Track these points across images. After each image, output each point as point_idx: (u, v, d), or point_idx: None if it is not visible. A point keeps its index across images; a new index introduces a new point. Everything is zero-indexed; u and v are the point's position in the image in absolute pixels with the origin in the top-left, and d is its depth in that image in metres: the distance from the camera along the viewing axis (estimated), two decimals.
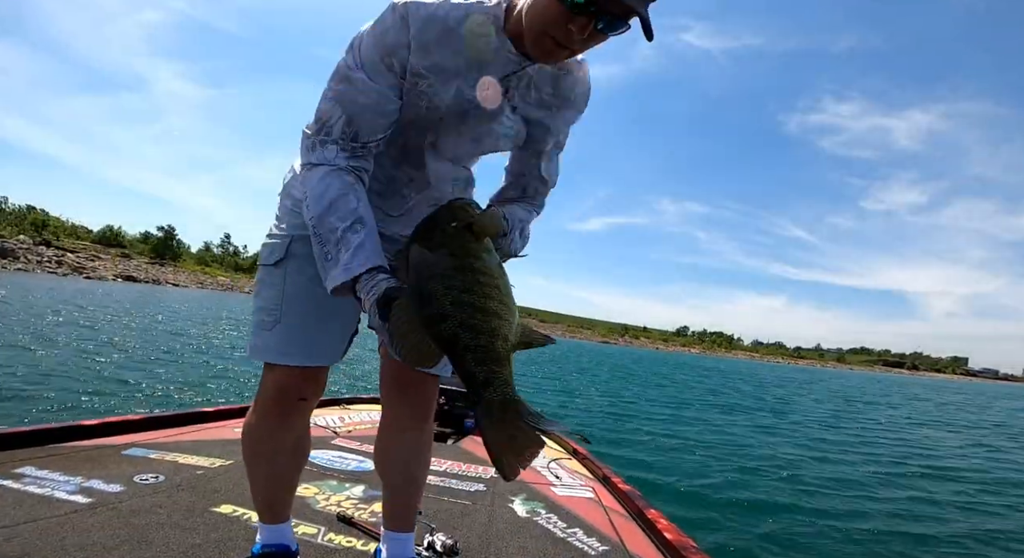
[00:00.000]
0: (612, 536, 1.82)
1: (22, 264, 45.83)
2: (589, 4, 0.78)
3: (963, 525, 4.65)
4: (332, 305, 1.09)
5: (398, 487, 1.29)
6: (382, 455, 1.29)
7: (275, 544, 1.22)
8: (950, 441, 11.12)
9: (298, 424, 1.18)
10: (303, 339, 1.10)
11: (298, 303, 1.10)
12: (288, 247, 1.09)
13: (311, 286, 1.08)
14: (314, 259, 0.99)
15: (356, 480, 2.08)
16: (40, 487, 1.58)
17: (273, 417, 1.15)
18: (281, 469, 1.20)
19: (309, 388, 1.15)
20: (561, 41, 0.84)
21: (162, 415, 2.51)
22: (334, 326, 1.13)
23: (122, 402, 5.53)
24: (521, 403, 0.75)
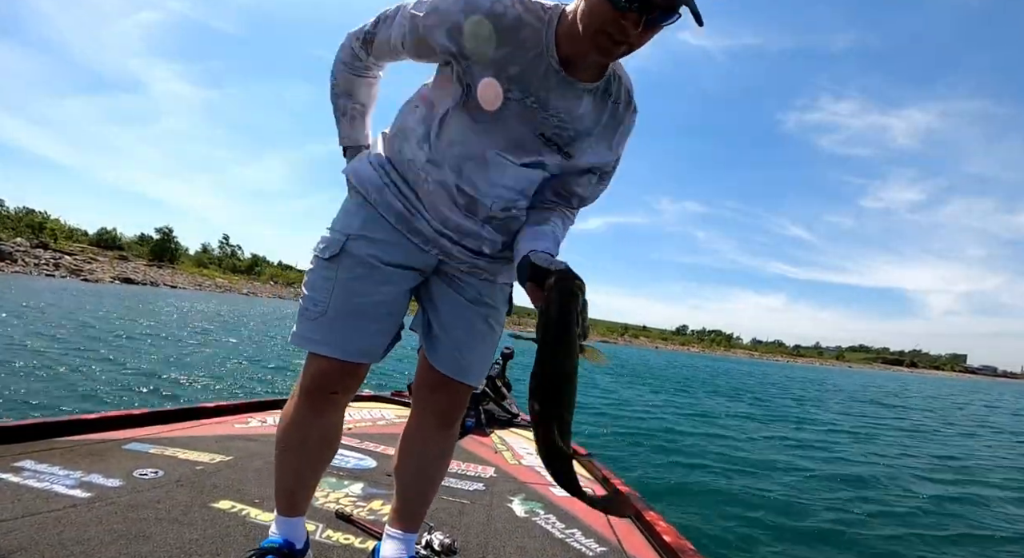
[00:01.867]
0: (610, 537, 1.82)
1: (19, 267, 45.68)
2: (633, 1, 0.84)
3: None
4: (376, 307, 1.15)
5: (416, 489, 1.32)
6: (405, 456, 1.31)
7: (280, 541, 1.24)
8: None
9: (329, 417, 1.21)
10: (345, 334, 1.13)
11: (345, 300, 1.13)
12: (344, 244, 1.14)
13: (359, 286, 1.14)
14: (364, 260, 1.13)
15: (355, 478, 2.08)
16: (39, 481, 1.58)
17: (306, 407, 1.18)
18: (307, 460, 1.23)
19: (344, 382, 1.18)
20: (617, 38, 0.89)
21: (162, 410, 2.52)
22: (375, 327, 1.16)
23: (121, 398, 5.52)
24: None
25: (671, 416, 9.73)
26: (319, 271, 1.16)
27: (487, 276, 1.23)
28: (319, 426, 1.21)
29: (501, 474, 2.42)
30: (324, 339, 1.13)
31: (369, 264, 1.14)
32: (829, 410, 14.68)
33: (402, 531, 1.32)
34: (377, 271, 1.14)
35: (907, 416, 15.02)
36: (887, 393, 26.75)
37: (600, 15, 0.88)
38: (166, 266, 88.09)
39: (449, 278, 1.24)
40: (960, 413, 18.35)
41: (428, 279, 1.25)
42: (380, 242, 1.15)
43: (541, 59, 0.99)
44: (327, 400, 1.18)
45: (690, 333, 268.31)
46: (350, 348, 1.14)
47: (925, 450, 8.68)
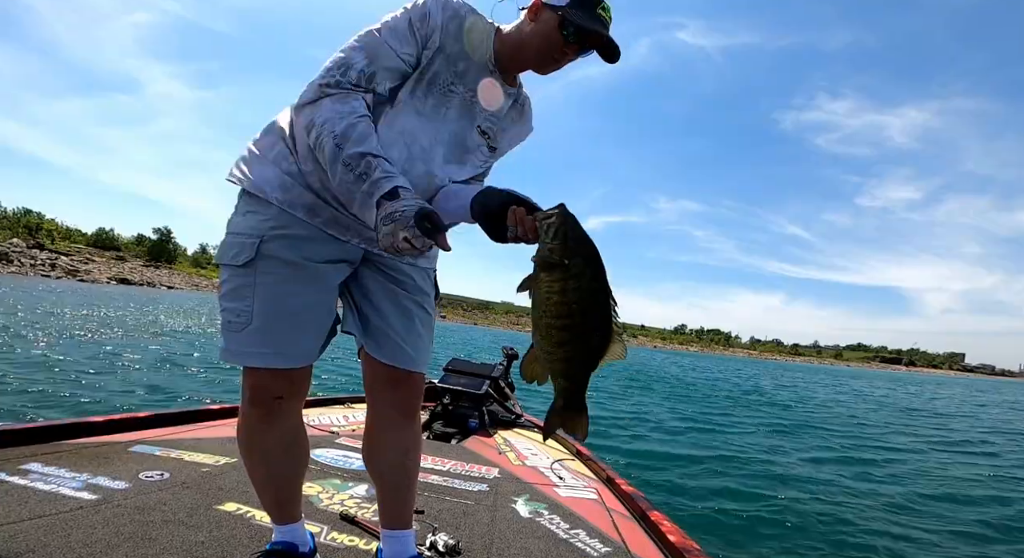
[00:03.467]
0: (615, 537, 1.82)
1: (15, 268, 45.58)
2: (576, 38, 1.08)
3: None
4: (304, 307, 1.11)
5: (392, 485, 1.29)
6: (372, 454, 1.29)
7: (282, 542, 1.24)
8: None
9: (283, 424, 1.18)
10: (275, 341, 1.09)
11: (269, 305, 1.08)
12: (258, 247, 1.08)
13: (283, 287, 1.09)
14: (284, 260, 1.08)
15: (359, 479, 2.08)
16: (46, 484, 1.58)
17: (255, 418, 1.16)
18: (275, 469, 1.20)
19: (284, 387, 1.14)
20: (556, 59, 1.12)
21: (168, 413, 2.51)
22: (308, 327, 1.13)
23: (125, 400, 5.50)
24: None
25: (671, 416, 9.71)
26: (235, 280, 1.10)
27: (410, 260, 1.22)
28: (277, 434, 1.18)
29: (505, 475, 2.42)
30: (255, 351, 1.09)
31: (291, 263, 1.09)
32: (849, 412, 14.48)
33: (394, 530, 1.31)
34: (303, 269, 1.10)
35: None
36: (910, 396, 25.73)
37: (554, 41, 1.09)
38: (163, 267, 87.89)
39: (378, 269, 1.21)
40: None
41: (357, 273, 1.22)
42: (298, 238, 1.10)
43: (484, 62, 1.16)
44: (273, 407, 1.15)
45: (689, 332, 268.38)
46: (284, 353, 1.10)
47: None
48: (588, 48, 1.11)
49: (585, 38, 1.08)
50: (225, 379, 7.55)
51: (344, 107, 1.00)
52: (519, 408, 3.72)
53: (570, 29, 1.07)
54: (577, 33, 1.07)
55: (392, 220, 0.91)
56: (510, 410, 3.61)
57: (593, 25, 1.07)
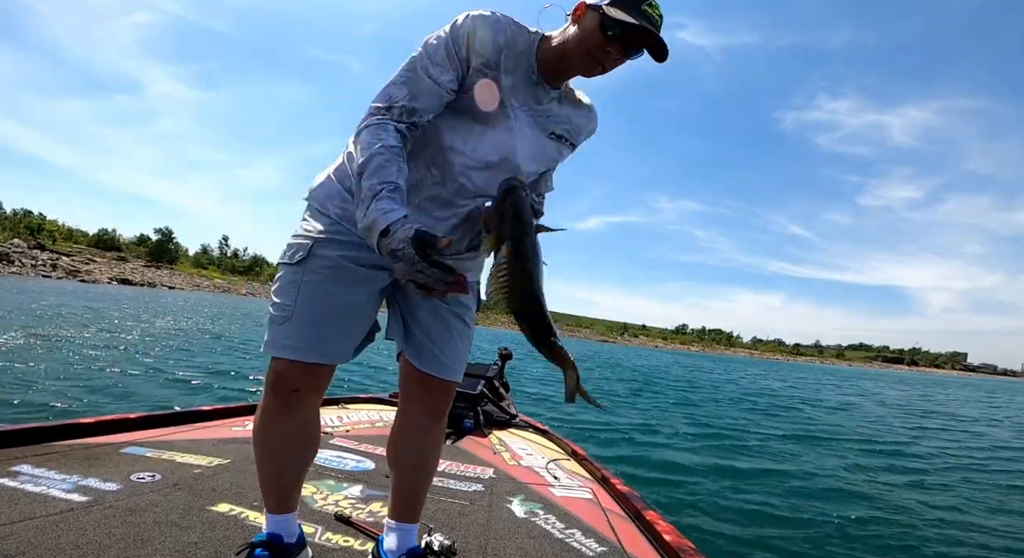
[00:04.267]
0: (610, 537, 1.81)
1: (16, 268, 45.68)
2: (617, 32, 1.06)
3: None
4: (342, 307, 1.19)
5: (411, 480, 1.37)
6: (397, 450, 1.37)
7: (269, 534, 1.27)
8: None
9: (296, 415, 1.23)
10: (310, 336, 1.17)
11: (312, 302, 1.17)
12: (311, 248, 1.17)
13: (326, 287, 1.17)
14: (331, 261, 1.17)
15: (354, 480, 2.08)
16: (36, 485, 1.57)
17: (272, 408, 1.21)
18: (280, 458, 1.25)
19: (303, 380, 1.19)
20: (600, 60, 1.11)
21: (160, 414, 2.50)
22: (345, 328, 1.20)
23: (117, 401, 5.50)
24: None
25: (669, 416, 9.71)
26: (286, 277, 1.19)
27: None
28: (289, 423, 1.23)
29: (500, 475, 2.41)
30: (289, 344, 1.16)
31: (337, 265, 1.17)
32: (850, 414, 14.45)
33: (404, 523, 1.37)
34: (345, 271, 1.18)
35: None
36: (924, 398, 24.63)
37: (595, 41, 1.08)
38: (164, 267, 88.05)
39: None
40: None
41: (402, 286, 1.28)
42: (347, 243, 1.18)
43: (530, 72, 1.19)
44: (290, 399, 1.20)
45: (690, 332, 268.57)
46: (314, 349, 1.17)
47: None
48: (633, 47, 1.09)
49: (629, 36, 1.06)
50: (218, 382, 7.52)
51: (373, 138, 1.07)
52: (514, 408, 3.72)
53: (613, 28, 1.05)
54: (621, 31, 1.06)
55: (398, 259, 0.96)
56: (505, 410, 3.61)
57: (638, 20, 1.05)
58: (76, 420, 2.17)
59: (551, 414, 8.07)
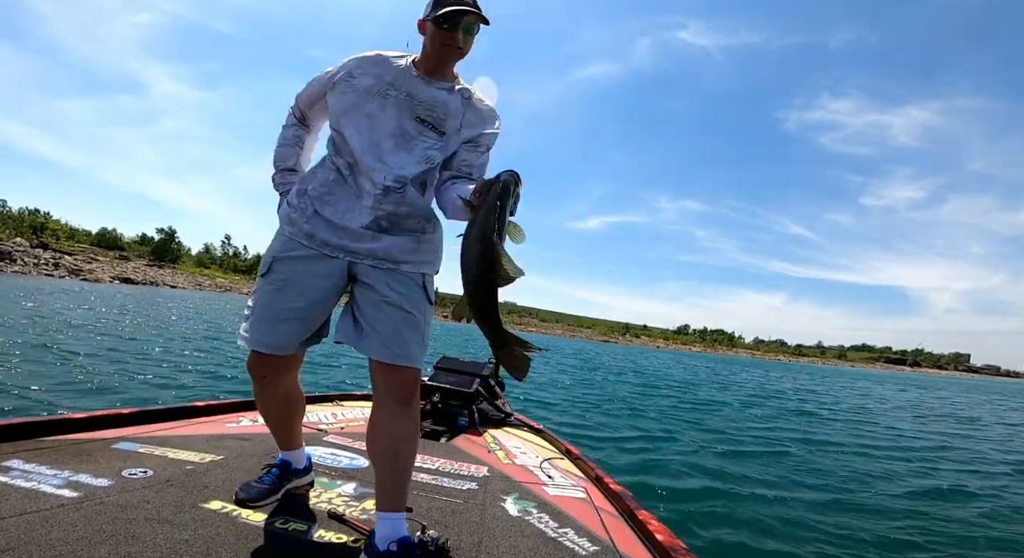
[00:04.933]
0: (603, 536, 1.82)
1: (19, 267, 45.73)
2: (447, 22, 1.42)
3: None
4: (286, 311, 1.49)
5: (386, 469, 1.45)
6: (373, 441, 1.48)
7: (280, 461, 1.81)
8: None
9: (275, 391, 1.64)
10: (262, 331, 1.50)
11: (263, 306, 1.50)
12: (271, 264, 1.52)
13: (276, 295, 1.50)
14: (282, 275, 1.50)
15: (348, 477, 2.08)
16: (27, 480, 1.57)
17: (255, 387, 1.63)
18: (274, 418, 1.74)
19: (266, 369, 1.57)
20: (449, 43, 1.45)
21: (152, 409, 2.49)
22: (285, 327, 1.50)
23: (111, 398, 5.49)
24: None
25: (665, 415, 9.68)
26: (256, 284, 1.54)
27: (389, 266, 1.50)
28: (273, 397, 1.66)
29: (494, 473, 2.41)
30: (248, 336, 1.52)
31: (286, 279, 1.49)
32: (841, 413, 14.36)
33: (388, 512, 1.43)
34: (292, 283, 1.49)
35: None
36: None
37: (436, 37, 1.45)
38: (167, 266, 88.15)
39: (361, 282, 1.51)
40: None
41: (352, 288, 1.55)
42: (297, 259, 1.50)
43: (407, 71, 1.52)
44: (262, 382, 1.60)
45: (692, 333, 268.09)
46: (264, 342, 1.51)
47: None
48: (458, 22, 1.42)
49: (453, 17, 1.42)
50: (210, 380, 7.51)
51: (280, 134, 1.72)
52: (509, 407, 3.72)
53: (442, 21, 1.42)
54: (447, 18, 1.42)
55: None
56: (500, 408, 3.61)
57: (452, 5, 1.40)
58: (67, 415, 2.16)
59: (546, 414, 8.06)
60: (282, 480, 1.77)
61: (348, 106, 1.47)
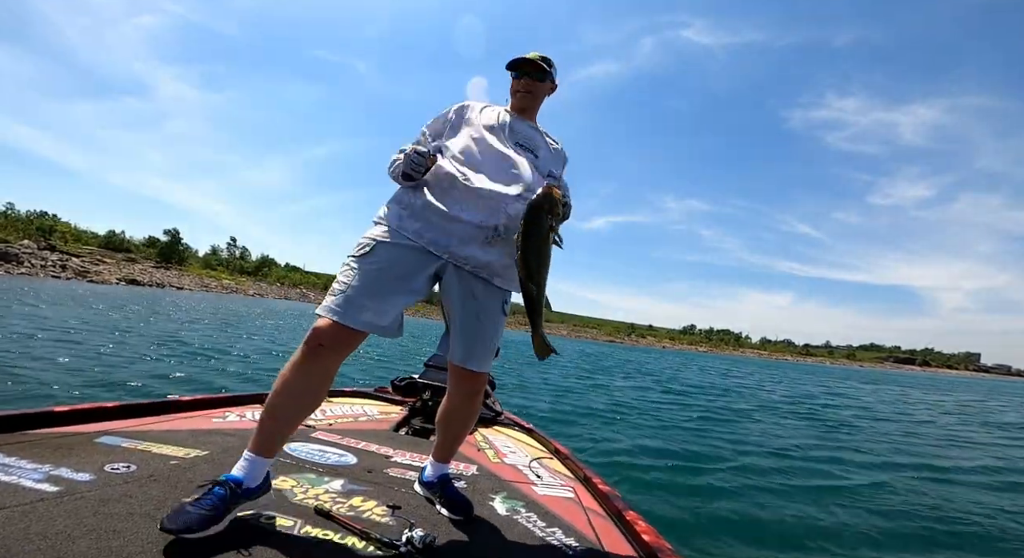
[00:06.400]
0: (590, 536, 1.82)
1: (26, 268, 46.10)
2: (518, 71, 1.92)
3: None
4: (391, 293, 1.57)
5: (453, 435, 1.93)
6: (447, 420, 1.92)
7: (233, 478, 1.47)
8: None
9: (319, 368, 1.52)
10: (349, 305, 1.53)
11: (366, 284, 1.55)
12: (374, 247, 1.62)
13: (379, 275, 1.57)
14: (387, 258, 1.60)
15: (335, 474, 2.06)
16: (6, 474, 1.55)
17: (297, 358, 1.51)
18: (289, 399, 1.52)
19: (331, 337, 1.51)
20: (524, 89, 1.92)
21: (136, 403, 2.47)
22: (386, 308, 1.56)
23: (95, 391, 5.48)
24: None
25: (660, 415, 9.61)
26: (351, 264, 1.60)
27: (486, 275, 1.70)
28: (307, 371, 1.51)
29: (483, 472, 2.40)
30: (335, 308, 1.52)
31: (389, 260, 1.59)
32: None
33: (440, 462, 1.95)
34: (393, 267, 1.59)
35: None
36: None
37: (515, 84, 1.92)
38: (174, 268, 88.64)
39: (457, 278, 1.69)
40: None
41: (443, 279, 1.70)
42: (400, 246, 1.62)
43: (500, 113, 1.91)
44: (316, 350, 1.51)
45: (698, 332, 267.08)
46: (354, 316, 1.52)
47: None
48: (523, 72, 1.91)
49: (517, 66, 1.91)
50: (200, 377, 7.48)
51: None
52: (499, 406, 3.72)
53: (512, 70, 1.92)
54: (513, 68, 1.92)
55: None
56: (490, 407, 3.60)
57: (515, 59, 1.91)
58: (49, 408, 2.14)
59: (544, 413, 8.02)
60: (229, 503, 1.41)
61: (470, 135, 1.79)
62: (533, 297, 1.61)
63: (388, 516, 1.67)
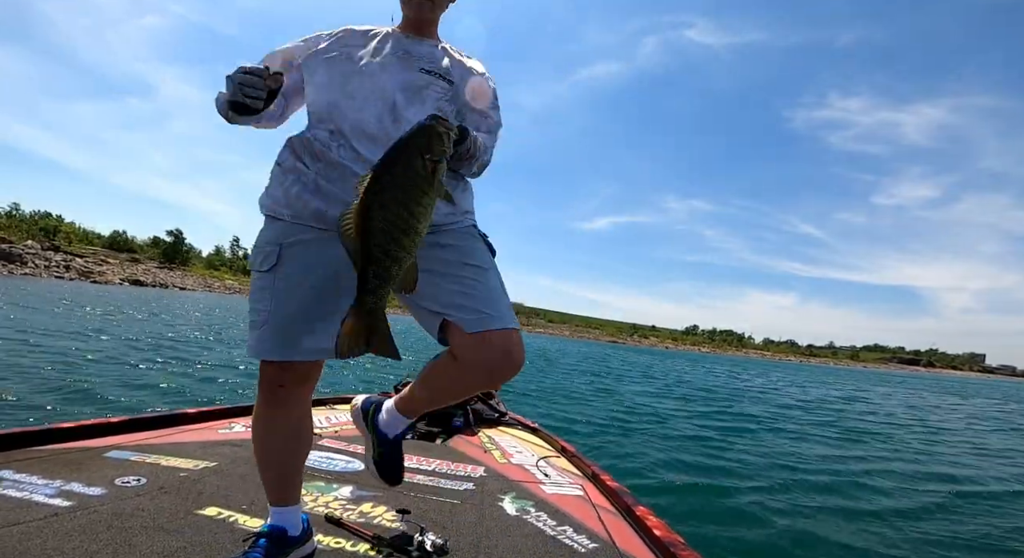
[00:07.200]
0: (602, 533, 1.81)
1: (29, 269, 46.31)
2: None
3: None
4: (320, 307, 1.23)
5: (429, 396, 1.36)
6: (434, 379, 1.33)
7: (272, 526, 1.33)
8: None
9: (288, 412, 1.31)
10: (285, 336, 1.22)
11: (286, 304, 1.22)
12: (279, 254, 1.23)
13: (299, 288, 1.23)
14: (303, 262, 1.23)
15: (344, 481, 2.07)
16: (19, 491, 1.57)
17: (262, 404, 1.30)
18: (275, 451, 1.33)
19: (288, 377, 1.27)
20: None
21: (144, 417, 2.49)
22: (321, 326, 1.23)
23: (103, 406, 5.44)
24: (383, 320, 1.02)
25: (660, 410, 9.57)
26: (259, 283, 1.25)
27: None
28: (282, 420, 1.31)
29: (491, 473, 2.41)
30: (267, 347, 1.23)
31: (305, 264, 1.23)
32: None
33: (402, 414, 1.42)
34: (311, 271, 1.23)
35: None
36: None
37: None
38: (177, 268, 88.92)
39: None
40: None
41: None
42: (312, 242, 1.23)
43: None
44: (278, 395, 1.28)
45: (701, 333, 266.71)
46: (291, 348, 1.23)
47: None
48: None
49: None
50: (202, 387, 7.44)
51: None
52: (503, 406, 3.72)
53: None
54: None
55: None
56: (494, 408, 3.61)
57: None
58: (58, 424, 2.16)
59: (542, 413, 8.00)
60: (275, 553, 1.32)
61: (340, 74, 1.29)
62: (380, 263, 0.98)
63: (398, 521, 1.67)
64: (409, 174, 0.97)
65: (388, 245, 0.97)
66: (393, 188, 0.96)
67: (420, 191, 0.98)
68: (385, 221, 0.96)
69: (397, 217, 0.97)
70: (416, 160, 0.98)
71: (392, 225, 0.97)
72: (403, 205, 0.97)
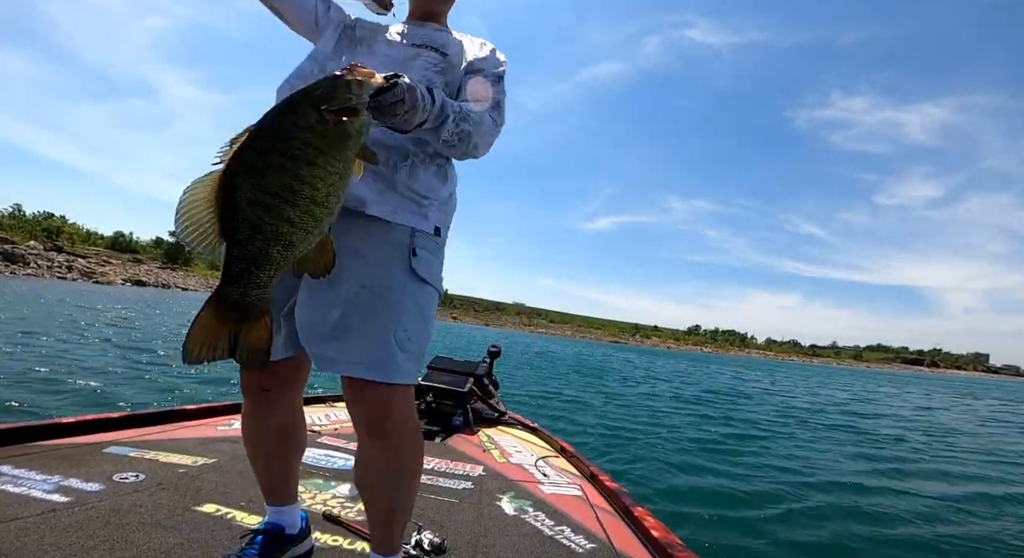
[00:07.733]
0: (599, 534, 1.81)
1: (32, 269, 46.45)
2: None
3: None
4: (280, 313, 1.19)
5: (367, 506, 1.23)
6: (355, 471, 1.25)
7: (269, 523, 1.33)
8: None
9: (274, 413, 1.27)
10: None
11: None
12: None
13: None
14: None
15: (343, 479, 2.07)
16: (17, 486, 1.56)
17: (248, 407, 1.28)
18: (264, 453, 1.31)
19: (268, 381, 1.23)
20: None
21: (143, 413, 2.48)
22: (283, 329, 1.19)
23: (102, 404, 5.43)
24: (257, 319, 0.86)
25: (660, 411, 9.55)
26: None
27: (352, 205, 1.14)
28: (269, 422, 1.28)
29: (489, 473, 2.41)
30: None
31: None
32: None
33: (377, 553, 1.20)
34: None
35: None
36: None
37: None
38: (179, 268, 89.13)
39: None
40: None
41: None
42: None
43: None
44: (261, 398, 1.25)
45: (703, 333, 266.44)
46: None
47: None
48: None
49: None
50: (202, 386, 7.43)
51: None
52: (503, 406, 3.72)
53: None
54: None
55: None
56: (494, 407, 3.61)
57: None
58: (56, 420, 2.15)
59: (542, 413, 7.98)
60: (272, 551, 1.30)
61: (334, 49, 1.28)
62: (247, 243, 0.81)
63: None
64: (296, 130, 0.80)
65: (260, 219, 0.79)
66: (270, 149, 0.79)
67: (313, 149, 0.80)
68: (255, 188, 0.78)
69: (273, 183, 0.78)
70: (308, 112, 0.80)
71: (265, 193, 0.78)
72: (283, 168, 0.79)
